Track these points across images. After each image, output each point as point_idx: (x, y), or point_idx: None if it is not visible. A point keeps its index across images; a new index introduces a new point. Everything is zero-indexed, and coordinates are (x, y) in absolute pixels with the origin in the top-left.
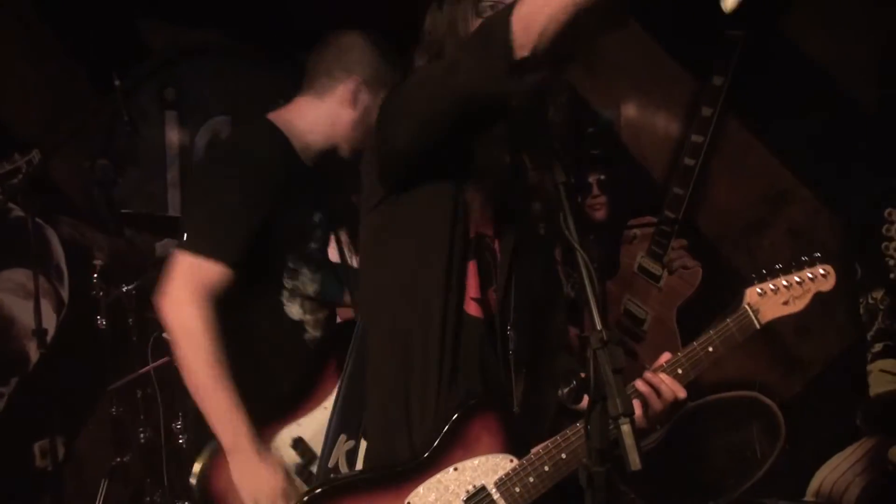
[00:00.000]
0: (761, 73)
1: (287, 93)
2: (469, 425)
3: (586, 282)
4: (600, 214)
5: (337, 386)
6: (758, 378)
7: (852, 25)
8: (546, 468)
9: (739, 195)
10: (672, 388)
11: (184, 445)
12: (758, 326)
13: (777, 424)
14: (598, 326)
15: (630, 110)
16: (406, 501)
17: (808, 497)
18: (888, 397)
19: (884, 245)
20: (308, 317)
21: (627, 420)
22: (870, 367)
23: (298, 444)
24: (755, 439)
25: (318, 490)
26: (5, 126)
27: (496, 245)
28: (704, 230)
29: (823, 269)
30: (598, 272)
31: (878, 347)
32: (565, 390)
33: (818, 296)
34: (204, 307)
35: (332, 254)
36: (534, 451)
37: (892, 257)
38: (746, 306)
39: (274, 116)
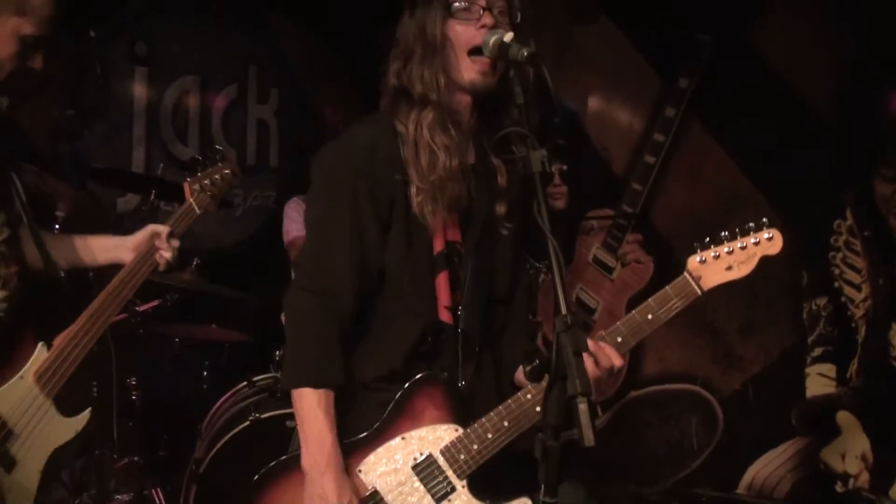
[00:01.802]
0: (726, 79)
1: (255, 54)
2: (416, 398)
3: (555, 268)
4: (560, 204)
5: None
6: (700, 373)
7: (816, 41)
8: (489, 436)
9: (696, 195)
10: (609, 355)
11: (136, 402)
12: (699, 293)
13: (715, 418)
14: (564, 311)
15: (596, 104)
16: (357, 469)
17: (740, 490)
18: (823, 400)
19: (830, 255)
20: None
21: (585, 399)
22: (808, 369)
23: None
24: (693, 431)
25: (273, 464)
26: None
27: (463, 248)
28: (659, 226)
29: (769, 233)
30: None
31: (817, 352)
32: (527, 368)
33: (764, 262)
34: None
35: None
36: (478, 421)
37: (837, 266)
38: (686, 274)
39: None
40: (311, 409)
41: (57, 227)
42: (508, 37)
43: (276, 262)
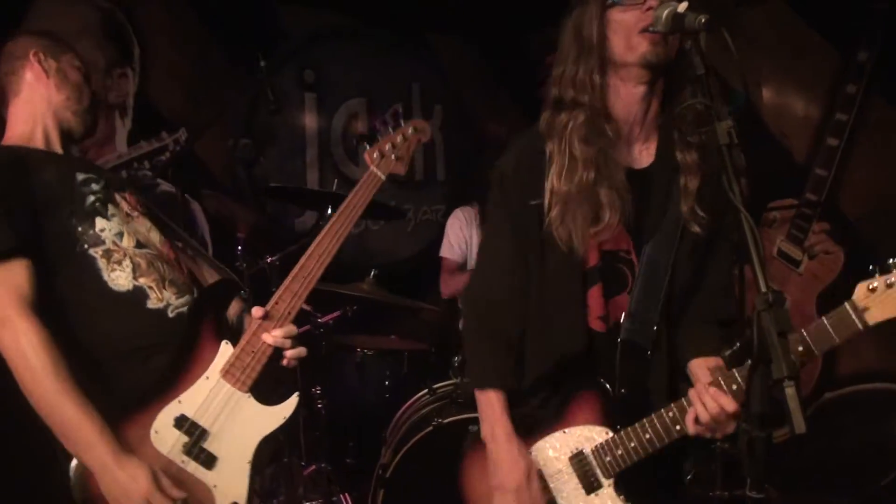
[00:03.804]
0: None
1: (417, 72)
2: (578, 400)
3: (751, 243)
4: None
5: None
6: None
7: None
8: (632, 444)
9: (886, 176)
10: (718, 401)
11: (322, 411)
12: (860, 327)
13: None
14: (763, 288)
15: (770, 88)
16: (529, 450)
17: None
18: None
19: None
20: (146, 280)
21: (792, 383)
22: None
23: (182, 422)
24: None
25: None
26: (154, 106)
27: (633, 254)
28: (848, 213)
29: None
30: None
31: None
32: (727, 353)
33: None
34: (27, 318)
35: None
36: (625, 429)
37: None
38: (847, 304)
39: (5, 139)
40: (486, 403)
41: (239, 248)
42: (682, 6)
43: None
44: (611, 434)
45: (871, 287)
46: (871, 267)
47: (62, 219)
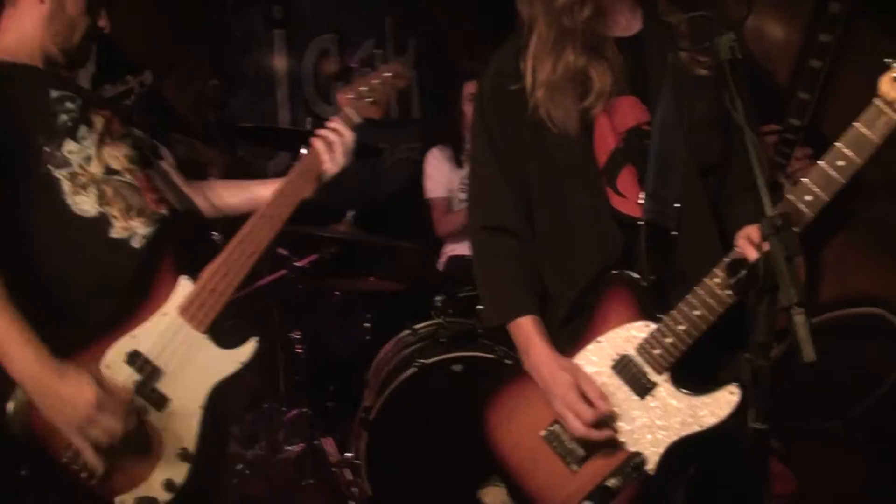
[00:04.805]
0: None
1: (390, 6)
2: (603, 302)
3: (755, 164)
4: None
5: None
6: (885, 294)
7: None
8: (681, 328)
9: (871, 99)
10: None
11: (302, 355)
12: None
13: None
14: (769, 212)
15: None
16: None
17: None
18: None
19: None
20: (110, 208)
21: (802, 311)
22: None
23: (135, 358)
24: (877, 359)
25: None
26: (117, 48)
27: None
28: (832, 138)
29: None
30: None
31: None
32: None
33: None
34: None
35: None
36: (669, 314)
37: None
38: (877, 100)
39: None
40: (518, 332)
41: None
42: None
43: (426, 213)
44: (653, 325)
45: (894, 77)
46: (885, 60)
47: (29, 139)
